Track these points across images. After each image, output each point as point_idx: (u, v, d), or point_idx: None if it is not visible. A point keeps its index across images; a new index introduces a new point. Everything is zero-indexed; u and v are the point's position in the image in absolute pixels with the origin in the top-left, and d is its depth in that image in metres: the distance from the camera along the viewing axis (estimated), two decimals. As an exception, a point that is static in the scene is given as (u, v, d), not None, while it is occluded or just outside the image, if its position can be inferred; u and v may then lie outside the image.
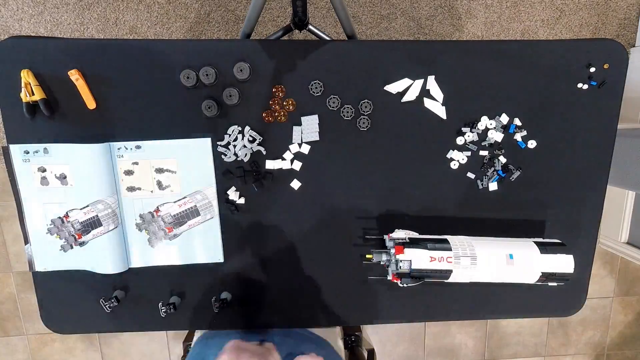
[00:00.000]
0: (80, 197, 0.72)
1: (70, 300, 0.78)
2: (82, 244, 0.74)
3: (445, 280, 0.70)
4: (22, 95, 0.67)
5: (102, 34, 1.41)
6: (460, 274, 0.69)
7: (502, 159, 0.77)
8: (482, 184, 0.78)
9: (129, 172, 0.72)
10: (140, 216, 0.74)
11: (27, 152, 0.70)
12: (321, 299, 0.81)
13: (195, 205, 0.74)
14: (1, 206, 1.52)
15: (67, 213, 0.72)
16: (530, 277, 0.71)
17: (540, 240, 0.75)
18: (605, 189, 0.80)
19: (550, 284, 0.73)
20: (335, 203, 0.77)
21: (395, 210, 0.78)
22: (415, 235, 0.73)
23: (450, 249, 0.69)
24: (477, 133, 0.76)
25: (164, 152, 0.72)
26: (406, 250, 0.69)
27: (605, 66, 0.75)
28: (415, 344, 1.74)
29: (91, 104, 0.69)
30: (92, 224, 0.72)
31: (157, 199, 0.74)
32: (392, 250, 0.70)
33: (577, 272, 0.84)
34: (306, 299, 0.81)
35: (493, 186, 0.78)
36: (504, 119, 0.76)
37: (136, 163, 0.72)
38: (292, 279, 0.80)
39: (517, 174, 0.78)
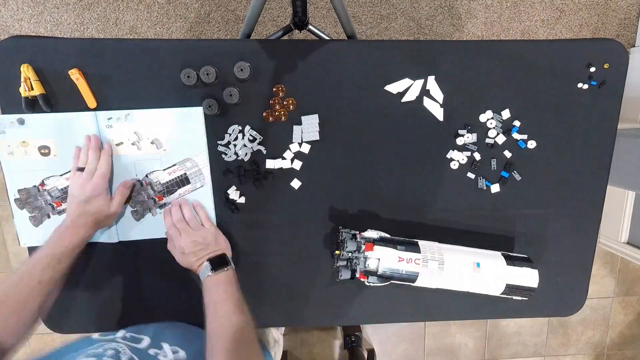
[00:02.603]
0: (63, 165, 0.70)
1: (70, 298, 0.78)
2: (60, 212, 0.72)
3: (412, 284, 0.70)
4: (21, 89, 0.67)
5: (102, 34, 1.41)
6: (428, 278, 0.69)
7: (494, 163, 0.77)
8: (482, 185, 0.78)
9: (119, 144, 0.71)
10: None
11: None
12: (321, 298, 0.81)
13: (185, 173, 0.74)
14: (1, 206, 1.52)
15: (42, 181, 0.71)
16: (496, 288, 0.71)
17: (508, 253, 0.75)
18: (605, 189, 0.80)
19: (515, 297, 0.73)
20: (335, 202, 0.77)
21: (396, 210, 0.78)
22: (386, 235, 0.73)
23: (419, 252, 0.69)
24: (476, 134, 0.76)
25: (154, 121, 0.71)
26: (375, 247, 0.68)
27: (605, 66, 0.75)
28: (415, 344, 1.74)
29: (92, 102, 0.70)
30: None
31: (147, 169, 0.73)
32: (362, 247, 0.70)
33: (577, 272, 0.84)
34: (306, 298, 0.81)
35: (495, 187, 0.78)
36: (506, 114, 0.76)
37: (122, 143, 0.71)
38: (291, 279, 0.80)
39: (517, 176, 0.78)
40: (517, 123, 0.76)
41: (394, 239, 0.71)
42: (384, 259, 0.68)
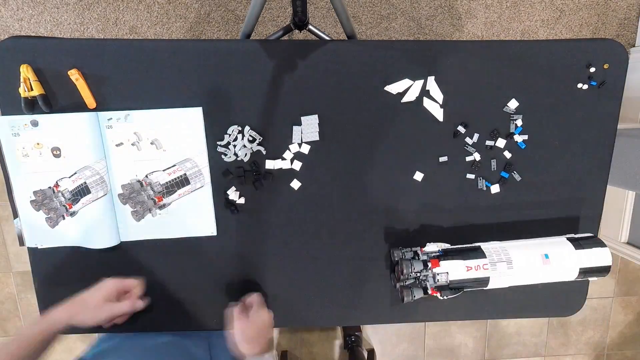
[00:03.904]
0: (69, 166, 0.71)
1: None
2: (73, 213, 0.73)
3: (485, 288, 0.70)
4: (21, 90, 0.67)
5: (102, 34, 1.41)
6: (498, 280, 0.69)
7: (494, 163, 0.77)
8: (482, 185, 0.78)
9: (119, 145, 0.71)
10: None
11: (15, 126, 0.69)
12: (321, 298, 0.81)
13: (185, 174, 0.74)
14: (1, 206, 1.52)
15: (56, 183, 0.71)
16: (569, 274, 0.70)
17: (573, 236, 0.74)
18: (605, 189, 0.80)
19: (590, 278, 0.72)
20: (334, 203, 0.77)
21: (396, 210, 0.78)
22: (447, 245, 0.73)
23: (484, 256, 0.69)
24: (477, 134, 0.76)
25: (154, 122, 0.71)
26: (442, 262, 0.68)
27: (605, 66, 0.75)
28: (415, 344, 1.74)
29: (91, 103, 0.69)
30: (81, 191, 0.72)
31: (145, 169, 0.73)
32: (429, 264, 0.70)
33: (577, 272, 0.83)
34: (306, 298, 0.81)
35: (495, 188, 0.78)
36: (513, 104, 0.75)
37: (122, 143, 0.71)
38: (291, 279, 0.80)
39: (517, 176, 0.78)
40: (519, 123, 0.76)
41: (457, 249, 0.71)
42: (452, 271, 0.68)
